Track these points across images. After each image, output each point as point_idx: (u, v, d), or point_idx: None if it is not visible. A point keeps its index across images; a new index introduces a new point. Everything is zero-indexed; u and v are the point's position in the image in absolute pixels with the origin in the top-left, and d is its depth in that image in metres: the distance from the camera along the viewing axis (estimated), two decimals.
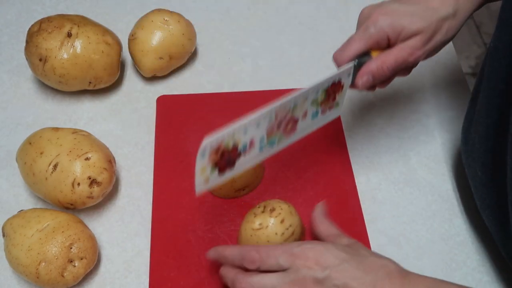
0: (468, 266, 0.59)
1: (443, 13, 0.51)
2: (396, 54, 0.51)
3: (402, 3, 0.52)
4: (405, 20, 0.51)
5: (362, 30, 0.52)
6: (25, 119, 0.68)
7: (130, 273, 0.57)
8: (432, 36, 0.52)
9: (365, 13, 0.53)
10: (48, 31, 0.63)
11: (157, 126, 0.67)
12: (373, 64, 0.52)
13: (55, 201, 0.56)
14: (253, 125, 0.50)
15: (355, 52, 0.52)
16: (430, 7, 0.51)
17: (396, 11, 0.51)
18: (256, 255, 0.48)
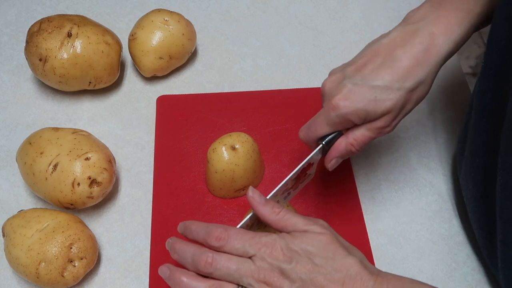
0: (468, 266, 0.59)
1: (412, 83, 0.46)
2: (364, 135, 0.48)
3: (363, 79, 0.46)
4: (369, 105, 0.46)
5: (324, 115, 0.48)
6: (25, 119, 0.68)
7: (130, 273, 0.57)
8: (400, 110, 0.47)
9: (326, 91, 0.49)
10: (48, 31, 0.63)
11: (157, 126, 0.67)
12: (341, 147, 0.49)
13: (55, 201, 0.56)
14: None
15: (320, 135, 0.50)
16: (396, 80, 0.46)
17: (357, 94, 0.46)
18: (224, 233, 0.45)
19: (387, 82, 0.46)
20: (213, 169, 0.58)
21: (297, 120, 0.68)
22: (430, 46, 0.46)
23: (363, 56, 0.48)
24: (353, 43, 0.77)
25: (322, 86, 0.50)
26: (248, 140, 0.58)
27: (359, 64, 0.48)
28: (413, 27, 0.47)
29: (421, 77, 0.46)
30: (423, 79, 0.46)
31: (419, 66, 0.46)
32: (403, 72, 0.46)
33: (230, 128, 0.65)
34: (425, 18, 0.47)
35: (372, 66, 0.47)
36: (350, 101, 0.46)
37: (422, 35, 0.46)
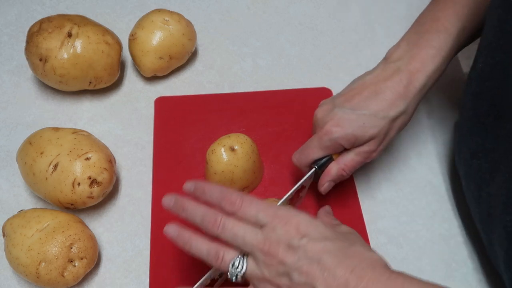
0: (468, 266, 0.59)
1: (394, 113, 0.53)
2: (353, 160, 0.54)
3: (353, 108, 0.53)
4: (357, 131, 0.52)
5: (317, 140, 0.54)
6: (25, 119, 0.68)
7: (130, 273, 0.57)
8: (384, 137, 0.54)
9: (319, 119, 0.55)
10: (48, 31, 0.63)
11: (156, 128, 0.67)
12: (333, 171, 0.55)
13: (55, 201, 0.56)
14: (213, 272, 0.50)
15: (313, 158, 0.55)
16: (380, 109, 0.52)
17: (347, 121, 0.52)
18: (238, 199, 0.45)
19: (373, 112, 0.52)
20: (212, 171, 0.58)
21: (296, 120, 0.68)
22: (409, 82, 0.53)
23: (351, 89, 0.55)
24: (353, 43, 0.77)
25: (314, 115, 0.56)
26: (247, 141, 0.58)
27: (348, 95, 0.54)
28: (394, 66, 0.54)
29: (402, 108, 0.53)
30: (404, 110, 0.53)
31: (401, 98, 0.52)
32: (387, 104, 0.52)
33: (229, 129, 0.65)
34: (403, 57, 0.54)
35: (359, 98, 0.53)
36: (341, 127, 0.52)
37: (402, 73, 0.53)
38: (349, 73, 0.73)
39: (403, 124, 0.55)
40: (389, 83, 0.53)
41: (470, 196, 0.57)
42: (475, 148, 0.54)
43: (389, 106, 0.52)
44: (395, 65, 0.54)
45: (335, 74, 0.73)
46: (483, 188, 0.53)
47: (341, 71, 0.74)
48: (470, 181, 0.56)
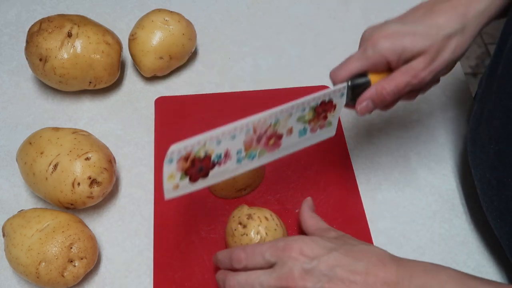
0: (468, 266, 0.59)
1: (449, 29, 0.49)
2: (398, 78, 0.49)
3: (404, 22, 0.50)
4: (406, 41, 0.48)
5: (360, 52, 0.50)
6: (25, 119, 0.68)
7: (130, 273, 0.57)
8: (436, 55, 0.49)
9: (366, 34, 0.51)
10: (48, 31, 0.63)
11: (156, 128, 0.66)
12: (373, 89, 0.50)
13: (55, 201, 0.56)
14: (227, 136, 0.48)
15: (351, 71, 0.50)
16: (435, 24, 0.49)
17: (397, 32, 0.49)
18: (242, 254, 0.48)
19: (426, 26, 0.49)
20: None
21: None
22: (469, 2, 0.49)
23: (405, 12, 0.52)
24: (353, 43, 0.77)
25: (363, 33, 0.52)
26: None
27: (401, 16, 0.52)
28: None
29: (458, 26, 0.49)
30: (460, 29, 0.49)
31: (458, 16, 0.49)
32: (442, 20, 0.49)
33: None
34: None
35: (413, 16, 0.51)
36: (389, 38, 0.49)
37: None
38: None
39: (459, 45, 0.50)
40: (446, 3, 0.50)
41: (485, 185, 0.55)
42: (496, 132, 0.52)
43: (444, 22, 0.49)
44: None
45: None
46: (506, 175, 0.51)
47: None
48: (487, 169, 0.54)
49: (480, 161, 0.56)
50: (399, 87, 0.49)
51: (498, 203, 0.53)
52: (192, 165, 0.47)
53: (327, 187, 0.62)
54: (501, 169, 0.52)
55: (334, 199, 0.61)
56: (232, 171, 0.51)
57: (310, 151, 0.65)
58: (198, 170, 0.48)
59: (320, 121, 0.53)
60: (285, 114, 0.50)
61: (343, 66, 0.51)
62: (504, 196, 0.52)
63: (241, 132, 0.48)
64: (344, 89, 0.51)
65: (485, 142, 0.54)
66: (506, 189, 0.52)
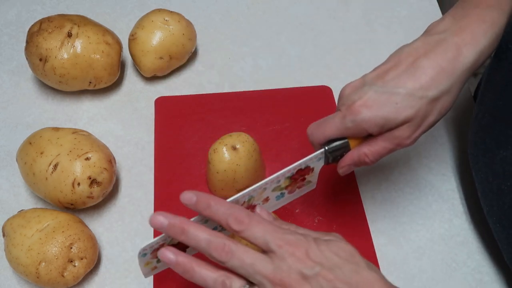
0: (468, 266, 0.59)
1: (435, 92, 0.44)
2: (380, 145, 0.46)
3: (385, 86, 0.45)
4: (389, 111, 0.44)
5: (339, 119, 0.46)
6: (25, 119, 0.68)
7: (130, 273, 0.57)
8: (422, 121, 0.46)
9: (346, 95, 0.47)
10: (48, 31, 0.63)
11: (156, 128, 0.66)
12: (354, 155, 0.47)
13: (55, 201, 0.56)
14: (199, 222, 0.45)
15: (328, 137, 0.48)
16: (418, 88, 0.44)
17: (377, 101, 0.44)
18: (246, 218, 0.41)
19: (409, 90, 0.44)
20: (214, 170, 0.58)
21: (296, 119, 0.68)
22: (455, 56, 0.45)
23: (384, 64, 0.47)
24: (353, 43, 0.77)
25: (341, 90, 0.48)
26: (248, 140, 0.58)
27: (380, 71, 0.47)
28: (437, 37, 0.46)
29: (445, 86, 0.45)
30: (447, 89, 0.45)
31: (444, 75, 0.45)
32: (426, 81, 0.44)
33: (230, 128, 0.65)
34: (449, 29, 0.46)
35: (394, 74, 0.45)
36: (369, 108, 0.45)
37: (447, 45, 0.45)
38: (349, 73, 0.73)
39: (445, 106, 0.46)
40: (430, 56, 0.44)
41: (486, 189, 0.54)
42: (502, 139, 0.50)
43: (428, 83, 0.44)
44: (439, 37, 0.45)
45: (335, 74, 0.73)
46: (505, 181, 0.50)
47: (341, 71, 0.74)
48: (489, 174, 0.53)
49: (483, 164, 0.55)
50: (381, 154, 0.47)
51: (497, 208, 0.53)
52: None
53: (327, 187, 0.62)
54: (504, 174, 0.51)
55: (334, 199, 0.61)
56: None
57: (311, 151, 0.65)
58: None
59: (298, 183, 0.52)
60: (259, 191, 0.48)
61: (321, 130, 0.48)
62: (502, 203, 0.52)
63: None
64: (321, 154, 0.49)
65: (489, 147, 0.53)
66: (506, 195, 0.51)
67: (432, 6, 0.81)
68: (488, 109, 0.54)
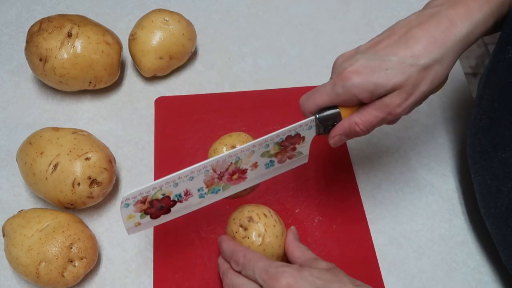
0: (468, 266, 0.59)
1: (427, 60, 0.45)
2: (371, 114, 0.46)
3: (377, 53, 0.46)
4: (379, 77, 0.44)
5: (330, 86, 0.47)
6: (25, 119, 0.68)
7: (130, 273, 0.57)
8: (413, 89, 0.45)
9: (337, 64, 0.48)
10: (48, 31, 0.63)
11: (156, 128, 0.66)
12: (345, 124, 0.48)
13: (55, 201, 0.56)
14: (184, 179, 0.48)
15: (319, 105, 0.48)
16: (410, 54, 0.45)
17: (368, 67, 0.45)
18: (241, 260, 0.49)
19: (401, 58, 0.45)
20: None
21: (296, 119, 0.67)
22: (448, 27, 0.45)
23: (379, 35, 0.48)
24: (353, 43, 0.76)
25: (335, 60, 0.49)
26: (248, 140, 0.58)
27: (374, 41, 0.47)
28: (432, 11, 0.46)
29: (437, 55, 0.45)
30: (439, 58, 0.45)
31: (436, 44, 0.45)
32: (418, 49, 0.45)
33: (230, 129, 0.65)
34: (444, 3, 0.47)
35: (386, 43, 0.46)
36: (360, 74, 0.45)
37: (440, 17, 0.46)
38: None
39: (436, 76, 0.46)
40: (423, 27, 0.45)
41: (484, 191, 0.54)
42: (500, 140, 0.50)
43: (420, 52, 0.44)
44: (433, 10, 0.46)
45: None
46: (504, 182, 0.50)
47: None
48: (487, 175, 0.53)
49: (481, 166, 0.55)
50: (372, 123, 0.47)
51: (494, 210, 0.54)
52: (150, 206, 0.48)
53: (327, 187, 0.62)
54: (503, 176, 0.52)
55: (334, 199, 0.61)
56: (195, 205, 0.52)
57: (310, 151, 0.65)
58: (158, 208, 0.49)
59: (288, 153, 0.52)
60: (247, 153, 0.49)
61: (311, 98, 0.48)
62: (500, 204, 0.52)
63: (199, 173, 0.48)
64: (311, 122, 0.49)
65: (487, 149, 0.53)
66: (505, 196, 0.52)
67: None
68: (485, 111, 0.54)
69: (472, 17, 0.46)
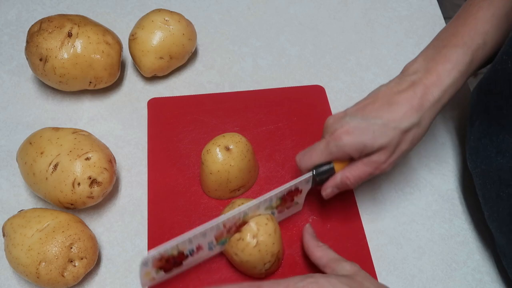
0: (468, 266, 0.59)
1: (407, 124, 0.51)
2: (360, 169, 0.52)
3: (364, 117, 0.52)
4: (367, 138, 0.51)
5: (324, 145, 0.53)
6: (25, 119, 0.68)
7: (130, 273, 0.57)
8: (395, 149, 0.52)
9: (329, 125, 0.54)
10: (48, 31, 0.63)
11: (149, 129, 0.66)
12: (337, 178, 0.54)
13: (55, 201, 0.56)
14: (198, 236, 0.51)
15: (315, 163, 0.54)
16: (392, 119, 0.51)
17: (357, 128, 0.51)
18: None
19: (385, 121, 0.51)
20: (207, 171, 0.58)
21: (289, 118, 0.68)
22: (423, 94, 0.52)
23: (364, 100, 0.54)
24: (353, 43, 0.77)
25: (326, 121, 0.55)
26: (242, 140, 0.58)
27: (360, 105, 0.53)
28: (409, 79, 0.53)
29: (415, 119, 0.52)
30: (417, 122, 0.52)
31: (414, 110, 0.51)
32: (399, 115, 0.51)
33: (223, 129, 0.65)
34: (419, 71, 0.53)
35: (372, 108, 0.52)
36: (351, 135, 0.51)
37: (417, 86, 0.52)
38: (349, 73, 0.73)
39: (416, 137, 0.53)
40: (403, 95, 0.52)
41: (486, 195, 0.56)
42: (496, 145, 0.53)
43: (401, 117, 0.51)
44: (411, 79, 0.53)
45: (335, 74, 0.73)
46: (504, 187, 0.52)
47: (341, 71, 0.74)
48: (487, 180, 0.55)
49: (481, 171, 0.57)
50: (361, 177, 0.53)
51: (497, 214, 0.54)
52: (166, 262, 0.51)
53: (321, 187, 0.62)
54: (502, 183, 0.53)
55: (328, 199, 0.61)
56: (204, 257, 0.55)
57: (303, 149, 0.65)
58: (172, 264, 0.53)
59: (287, 204, 0.57)
60: (253, 208, 0.53)
61: (308, 157, 0.54)
62: (502, 209, 0.53)
63: (212, 230, 0.52)
64: (309, 178, 0.55)
65: (486, 154, 0.55)
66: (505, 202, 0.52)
67: (432, 6, 0.82)
68: (485, 116, 0.55)
69: (442, 84, 0.52)
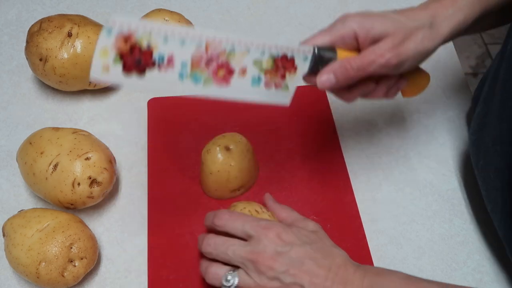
0: (468, 266, 0.59)
1: (418, 22, 0.50)
2: (364, 56, 0.49)
3: (376, 12, 0.51)
4: (375, 21, 0.49)
5: (330, 26, 0.51)
6: (25, 119, 0.68)
7: (130, 273, 0.57)
8: (403, 40, 0.49)
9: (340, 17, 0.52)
10: (48, 31, 0.63)
11: (149, 129, 0.66)
12: (337, 63, 0.50)
13: (55, 201, 0.56)
14: (176, 37, 0.43)
15: (319, 43, 0.50)
16: (405, 15, 0.51)
17: (368, 14, 0.51)
18: (226, 215, 0.52)
19: (396, 15, 0.50)
20: (208, 171, 0.58)
21: (289, 118, 0.68)
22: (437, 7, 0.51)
23: None
24: None
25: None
26: (242, 140, 0.58)
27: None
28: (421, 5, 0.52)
29: (426, 21, 0.50)
30: (428, 24, 0.50)
31: (426, 14, 0.50)
32: (412, 14, 0.50)
33: (223, 129, 0.65)
34: None
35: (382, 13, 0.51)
36: (359, 17, 0.50)
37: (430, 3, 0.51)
38: None
39: (425, 39, 0.50)
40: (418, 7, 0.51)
41: (489, 186, 0.56)
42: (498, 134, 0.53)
43: (413, 15, 0.50)
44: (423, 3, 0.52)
45: None
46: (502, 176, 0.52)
47: None
48: (491, 170, 0.55)
49: (485, 162, 0.56)
50: (364, 64, 0.49)
51: (502, 205, 0.54)
52: (130, 51, 0.43)
53: (321, 187, 0.62)
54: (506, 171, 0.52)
55: (327, 198, 0.61)
56: (171, 84, 0.45)
57: (304, 150, 0.65)
58: (135, 61, 0.43)
59: (277, 78, 0.50)
60: (243, 48, 0.47)
61: (311, 38, 0.51)
62: (509, 198, 0.52)
63: (192, 41, 0.44)
64: (309, 52, 0.49)
65: (489, 145, 0.54)
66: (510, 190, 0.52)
67: None
68: (489, 107, 0.55)
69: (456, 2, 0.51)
